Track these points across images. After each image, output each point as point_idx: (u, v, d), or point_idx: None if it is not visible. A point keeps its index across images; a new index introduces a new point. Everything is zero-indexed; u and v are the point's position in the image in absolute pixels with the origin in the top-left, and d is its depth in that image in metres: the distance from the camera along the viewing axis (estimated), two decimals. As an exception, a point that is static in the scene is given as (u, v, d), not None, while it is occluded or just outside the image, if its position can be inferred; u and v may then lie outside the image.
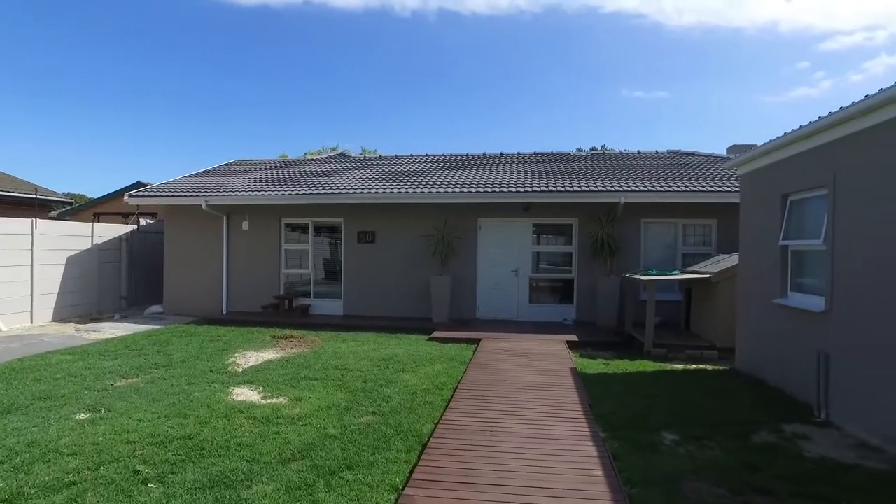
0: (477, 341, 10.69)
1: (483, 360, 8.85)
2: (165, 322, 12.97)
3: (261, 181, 15.05)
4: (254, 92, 43.55)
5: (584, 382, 7.48)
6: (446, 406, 6.30)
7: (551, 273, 13.90)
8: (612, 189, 12.66)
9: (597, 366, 8.84)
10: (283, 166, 17.33)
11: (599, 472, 4.49)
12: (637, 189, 12.58)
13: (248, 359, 8.81)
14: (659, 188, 12.62)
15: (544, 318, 13.47)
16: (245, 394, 6.67)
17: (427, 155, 18.39)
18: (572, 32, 39.96)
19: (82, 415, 5.87)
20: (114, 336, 10.98)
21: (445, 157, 18.00)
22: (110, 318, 13.62)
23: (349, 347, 9.96)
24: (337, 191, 13.44)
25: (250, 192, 13.71)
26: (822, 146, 6.44)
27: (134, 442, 5.06)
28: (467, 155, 18.03)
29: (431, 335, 11.32)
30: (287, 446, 4.97)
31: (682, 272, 10.89)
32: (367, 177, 14.90)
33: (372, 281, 14.01)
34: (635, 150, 17.66)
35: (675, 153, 17.30)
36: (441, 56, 41.49)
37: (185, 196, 13.82)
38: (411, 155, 18.50)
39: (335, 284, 14.42)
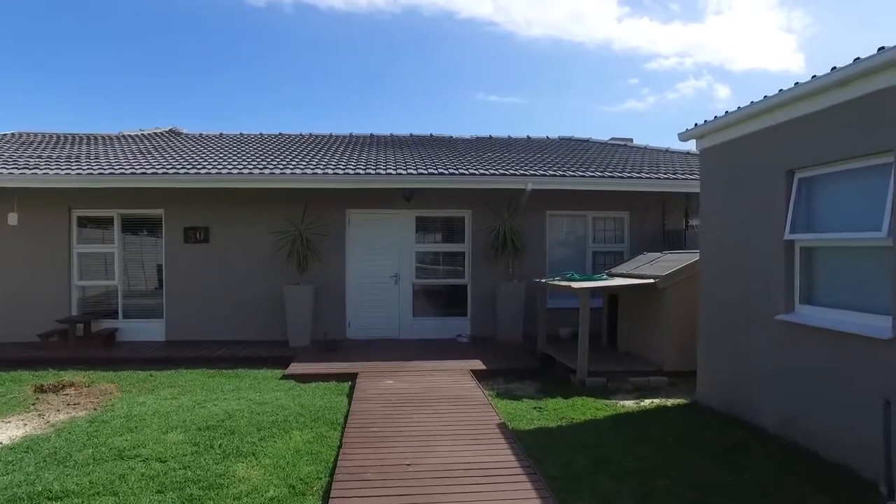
0: (352, 377, 7.74)
1: (366, 416, 5.94)
2: None
3: (42, 157, 10.81)
4: (86, 67, 36.37)
5: (529, 452, 4.87)
6: (314, 550, 3.34)
7: (440, 278, 11.27)
8: (516, 173, 10.30)
9: (527, 412, 6.31)
10: (85, 141, 13.00)
11: None
12: (546, 174, 10.32)
13: (-41, 445, 5.12)
14: (570, 173, 10.47)
15: (433, 334, 10.82)
16: None
17: (280, 133, 14.95)
18: (429, 35, 38.67)
19: None
20: None
21: (304, 136, 14.70)
22: None
23: (159, 402, 6.55)
24: (152, 170, 9.75)
25: (17, 171, 9.54)
26: (877, 93, 4.35)
27: None
28: (331, 135, 14.88)
29: (288, 369, 8.18)
30: None
31: (610, 275, 8.76)
32: (200, 157, 11.25)
33: (205, 294, 10.48)
34: (524, 136, 15.60)
35: (568, 139, 15.48)
36: (297, 50, 37.79)
37: None
38: (261, 133, 14.95)
39: (154, 300, 10.67)
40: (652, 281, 7.64)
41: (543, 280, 8.93)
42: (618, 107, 45.23)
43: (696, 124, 6.73)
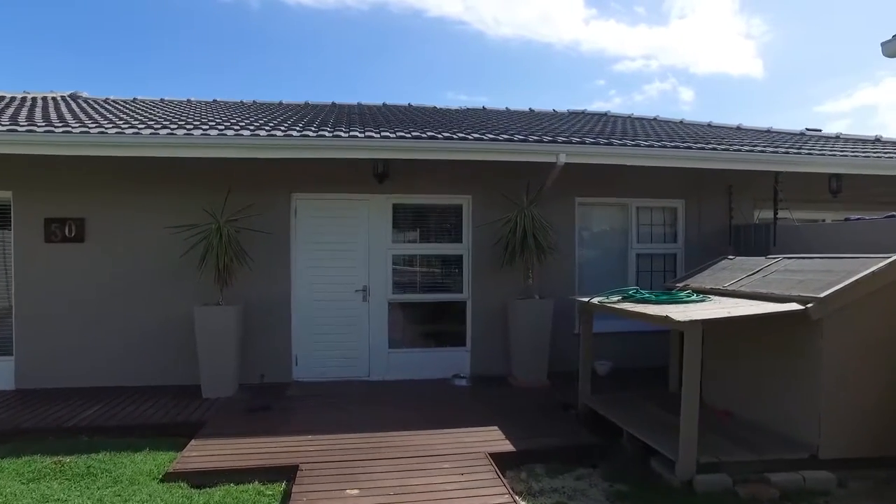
0: (289, 474, 4.43)
1: None
2: None
3: None
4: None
5: None
6: None
7: (427, 292, 7.98)
8: (542, 139, 7.08)
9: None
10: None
11: None
12: (585, 141, 7.13)
13: None
14: (616, 141, 7.29)
15: (418, 373, 7.56)
16: None
17: (214, 101, 11.50)
18: (398, 33, 36.46)
19: None
20: None
21: (245, 103, 11.25)
22: None
23: None
24: (-19, 130, 6.26)
25: None
26: None
27: None
28: (280, 103, 11.46)
29: (181, 457, 4.80)
30: None
31: (699, 293, 5.59)
32: (93, 121, 7.69)
33: (78, 317, 7.04)
34: (526, 108, 12.41)
35: (580, 113, 12.40)
36: (263, 47, 34.90)
37: None
38: (188, 100, 11.46)
39: None
40: (797, 306, 4.50)
41: (595, 299, 5.72)
42: (586, 107, 43.81)
43: None
